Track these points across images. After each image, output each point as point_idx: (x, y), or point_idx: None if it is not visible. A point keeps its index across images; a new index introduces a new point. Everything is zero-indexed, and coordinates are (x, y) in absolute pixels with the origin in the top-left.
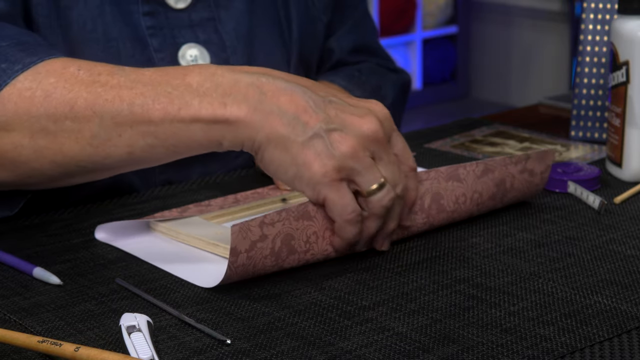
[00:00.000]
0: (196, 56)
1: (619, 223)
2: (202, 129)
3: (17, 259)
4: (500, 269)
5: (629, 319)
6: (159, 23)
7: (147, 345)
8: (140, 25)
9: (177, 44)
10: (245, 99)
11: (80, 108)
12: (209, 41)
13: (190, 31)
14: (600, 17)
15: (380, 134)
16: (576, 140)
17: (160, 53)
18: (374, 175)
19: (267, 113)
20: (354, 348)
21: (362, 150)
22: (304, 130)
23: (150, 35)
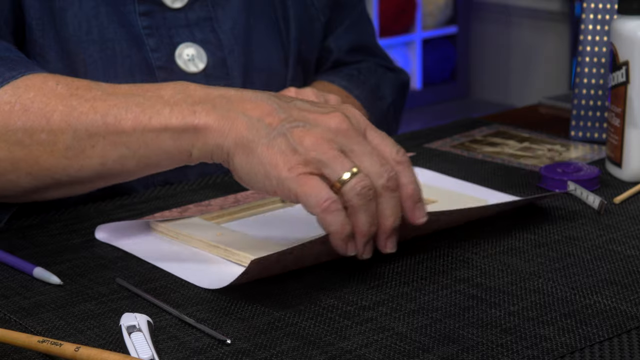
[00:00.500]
0: (193, 55)
1: (619, 223)
2: (172, 137)
3: (17, 259)
4: (500, 269)
5: (629, 319)
6: (156, 23)
7: (147, 345)
8: (137, 25)
9: (173, 43)
10: (214, 107)
11: (55, 121)
12: (206, 40)
13: (187, 30)
14: (600, 17)
15: (346, 126)
16: (576, 140)
17: (157, 53)
18: (342, 164)
19: (234, 119)
20: (354, 348)
21: (327, 142)
22: (268, 131)
23: (147, 35)
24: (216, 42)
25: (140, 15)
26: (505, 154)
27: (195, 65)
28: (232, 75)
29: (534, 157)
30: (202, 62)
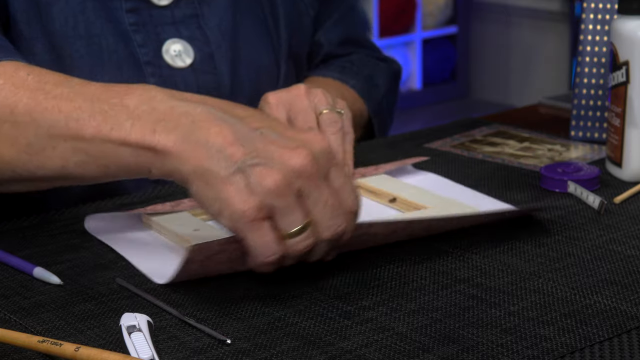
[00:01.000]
0: (180, 51)
1: (619, 223)
2: (131, 154)
3: (17, 259)
4: (500, 269)
5: (629, 319)
6: (142, 19)
7: (147, 345)
8: (123, 21)
9: (160, 39)
10: (176, 128)
11: (19, 113)
12: (193, 37)
13: (173, 27)
14: (600, 17)
15: (310, 169)
16: (576, 140)
17: (144, 48)
18: (295, 216)
19: (195, 145)
20: (354, 348)
21: (287, 187)
22: (227, 164)
23: (134, 32)
24: (203, 39)
25: (126, 12)
26: (505, 154)
27: (182, 61)
28: (220, 70)
29: (534, 157)
30: (190, 58)
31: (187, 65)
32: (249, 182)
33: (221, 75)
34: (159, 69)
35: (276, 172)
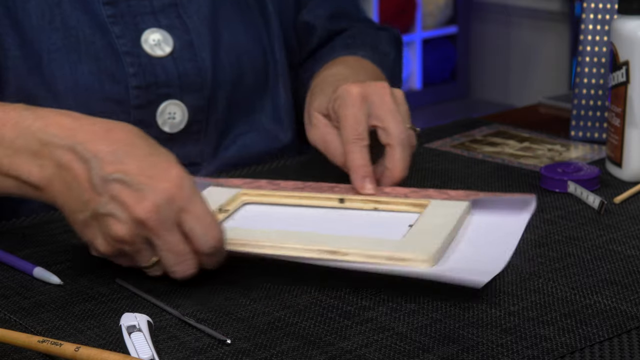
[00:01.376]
0: (159, 40)
1: (619, 223)
2: (14, 185)
3: (17, 259)
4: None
5: (629, 319)
6: (120, 11)
7: (147, 345)
8: (101, 14)
9: (139, 29)
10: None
11: None
12: (172, 25)
13: (152, 17)
14: (600, 17)
15: (152, 221)
16: (576, 140)
17: (122, 39)
18: (143, 257)
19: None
20: (354, 348)
21: (133, 237)
22: (84, 208)
23: (111, 23)
24: (182, 27)
25: (104, 4)
26: (505, 154)
27: (161, 50)
28: (201, 57)
29: (534, 157)
30: (169, 46)
31: (167, 53)
32: (101, 229)
33: (202, 62)
34: (138, 59)
35: (123, 223)
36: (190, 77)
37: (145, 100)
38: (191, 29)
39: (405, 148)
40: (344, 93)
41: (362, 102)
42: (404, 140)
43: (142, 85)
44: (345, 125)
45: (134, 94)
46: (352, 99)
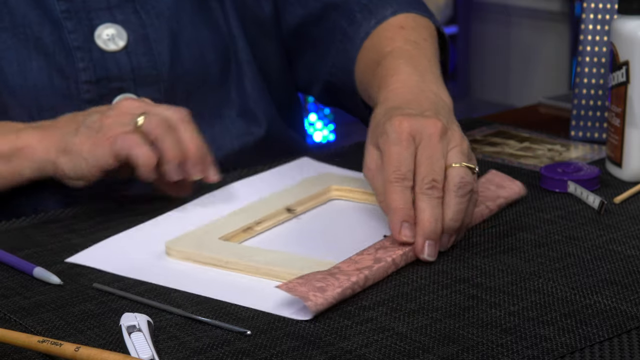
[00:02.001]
0: (113, 35)
1: (619, 223)
2: (3, 162)
3: (17, 259)
4: (500, 269)
5: (629, 319)
6: (74, 7)
7: (147, 345)
8: (54, 9)
9: (92, 25)
10: (35, 130)
11: None
12: (127, 20)
13: (108, 13)
14: (600, 17)
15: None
16: (576, 140)
17: (74, 34)
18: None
19: (50, 135)
20: (354, 348)
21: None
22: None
23: (65, 19)
24: (138, 21)
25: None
26: (505, 154)
27: (115, 44)
28: (157, 51)
29: (534, 157)
30: (123, 40)
31: (121, 48)
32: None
33: (158, 56)
34: (89, 53)
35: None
36: (144, 70)
37: (97, 94)
38: (147, 23)
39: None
40: (391, 130)
41: (408, 140)
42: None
43: (92, 80)
44: (388, 164)
45: (84, 88)
46: (398, 137)
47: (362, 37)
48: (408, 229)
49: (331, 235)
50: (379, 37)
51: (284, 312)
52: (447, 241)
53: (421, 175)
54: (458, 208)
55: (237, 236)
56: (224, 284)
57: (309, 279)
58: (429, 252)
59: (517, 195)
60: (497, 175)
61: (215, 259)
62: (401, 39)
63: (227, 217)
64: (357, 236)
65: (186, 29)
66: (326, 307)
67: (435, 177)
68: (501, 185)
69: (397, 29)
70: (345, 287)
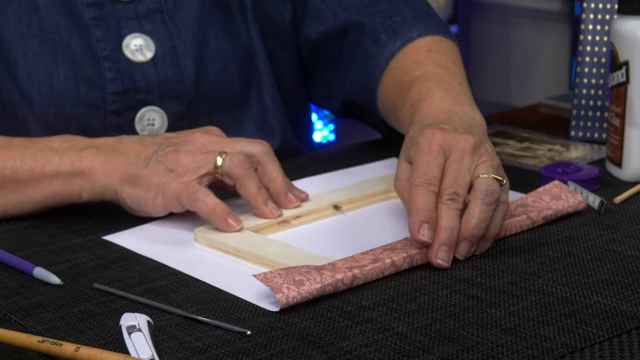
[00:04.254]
0: (141, 45)
1: (619, 223)
2: (64, 181)
3: (17, 259)
4: (500, 269)
5: (629, 319)
6: (104, 14)
7: (147, 345)
8: (84, 15)
9: (121, 34)
10: (98, 152)
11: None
12: (155, 31)
13: (136, 22)
14: (600, 17)
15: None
16: (576, 140)
17: (103, 43)
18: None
19: (115, 160)
20: (354, 348)
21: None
22: (145, 163)
23: (94, 26)
24: (166, 33)
25: (87, 6)
26: (505, 154)
27: (143, 55)
28: (183, 63)
29: (534, 157)
30: (150, 52)
31: (148, 59)
32: (166, 166)
33: (185, 69)
34: (117, 63)
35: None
36: (170, 83)
37: (123, 105)
38: (175, 35)
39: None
40: (423, 141)
41: (439, 151)
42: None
43: (120, 91)
44: (416, 171)
45: (110, 99)
46: (428, 147)
47: (386, 57)
48: (427, 230)
49: (364, 234)
50: (406, 59)
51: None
52: (468, 250)
53: (445, 186)
54: (483, 216)
55: (269, 228)
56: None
57: (291, 271)
58: (442, 257)
59: (573, 209)
60: (558, 186)
61: (230, 246)
62: (431, 62)
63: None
64: (388, 237)
65: (211, 42)
66: (300, 302)
67: (457, 190)
68: (558, 197)
69: (426, 52)
70: (326, 283)
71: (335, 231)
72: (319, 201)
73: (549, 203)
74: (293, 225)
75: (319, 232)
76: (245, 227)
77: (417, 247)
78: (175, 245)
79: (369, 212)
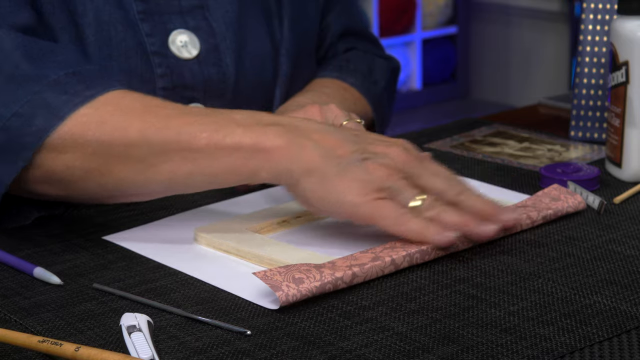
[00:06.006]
0: (186, 42)
1: (618, 223)
2: (244, 157)
3: (17, 259)
4: (500, 269)
5: (629, 319)
6: (150, 8)
7: (147, 345)
8: (132, 9)
9: (167, 29)
10: (285, 133)
11: (131, 135)
12: (198, 27)
13: (180, 17)
14: (600, 17)
15: (409, 157)
16: (576, 140)
17: (152, 38)
18: (412, 192)
19: (304, 146)
20: (354, 348)
21: (396, 172)
22: (339, 162)
23: (141, 20)
24: (208, 30)
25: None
26: (505, 154)
27: (188, 52)
28: (225, 62)
29: (534, 157)
30: (196, 49)
31: (193, 56)
32: (362, 173)
33: (226, 67)
34: (166, 59)
35: (383, 162)
36: (214, 82)
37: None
38: (217, 32)
39: None
40: None
41: None
42: None
43: (169, 87)
44: None
45: (160, 94)
46: None
47: None
48: None
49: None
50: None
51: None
52: None
53: None
54: None
55: (269, 228)
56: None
57: (291, 269)
58: None
59: (573, 209)
60: (557, 189)
61: (230, 246)
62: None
63: (266, 210)
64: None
65: (249, 42)
66: (299, 300)
67: None
68: (557, 198)
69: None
70: (326, 281)
71: (335, 231)
72: None
73: (549, 204)
74: (293, 225)
75: (319, 232)
76: (245, 227)
77: (417, 246)
78: (175, 245)
79: None
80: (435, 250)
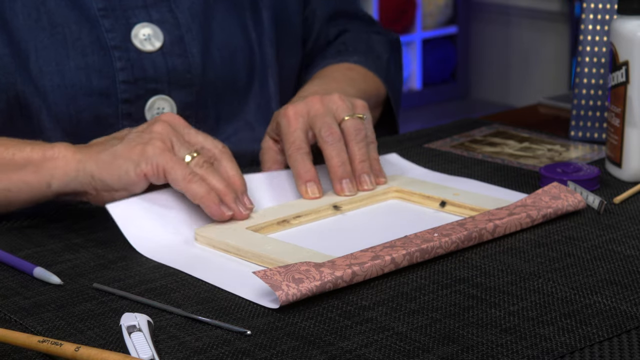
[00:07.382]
0: (149, 35)
1: (618, 223)
2: (33, 170)
3: (17, 258)
4: (500, 269)
5: (629, 319)
6: (111, 4)
7: (147, 345)
8: (91, 7)
9: (129, 24)
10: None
11: None
12: (163, 20)
13: (144, 11)
14: (600, 17)
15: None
16: (576, 140)
17: (112, 33)
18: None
19: (88, 151)
20: (354, 348)
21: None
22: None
23: (102, 17)
24: (173, 21)
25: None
26: (505, 154)
27: (151, 44)
28: (191, 53)
29: (534, 157)
30: (159, 41)
31: (157, 48)
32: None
33: (192, 58)
34: (127, 53)
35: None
36: (179, 72)
37: (134, 94)
38: (182, 24)
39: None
40: (280, 117)
41: (296, 118)
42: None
43: (130, 80)
44: (285, 143)
45: (121, 88)
46: (287, 120)
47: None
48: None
49: (364, 234)
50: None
51: (260, 300)
52: (371, 180)
53: (317, 131)
54: (361, 152)
55: (269, 228)
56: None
57: (291, 268)
58: (348, 188)
59: (572, 208)
60: (557, 187)
61: (230, 245)
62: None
63: (266, 210)
64: (388, 237)
65: (217, 32)
66: (299, 299)
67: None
68: (557, 197)
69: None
70: (326, 281)
71: (335, 231)
72: (319, 201)
73: (549, 202)
74: (293, 225)
75: (319, 232)
76: (245, 226)
77: (417, 244)
78: (175, 245)
79: (369, 212)
80: (435, 249)
